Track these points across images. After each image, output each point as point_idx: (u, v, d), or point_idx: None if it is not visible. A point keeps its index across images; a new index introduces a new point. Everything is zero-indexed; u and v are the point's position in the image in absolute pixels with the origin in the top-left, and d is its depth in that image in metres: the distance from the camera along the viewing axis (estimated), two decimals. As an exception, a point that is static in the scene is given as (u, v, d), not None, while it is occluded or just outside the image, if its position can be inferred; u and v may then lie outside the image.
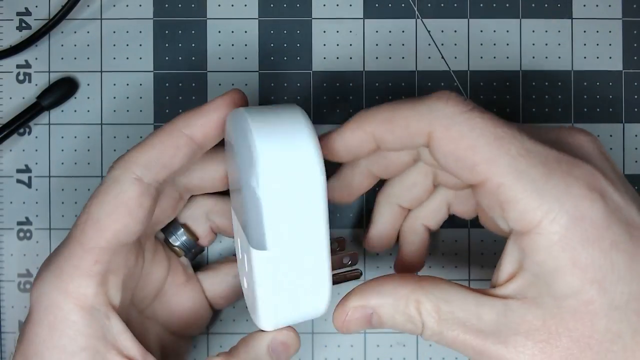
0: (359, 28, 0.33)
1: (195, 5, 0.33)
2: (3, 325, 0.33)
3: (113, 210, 0.24)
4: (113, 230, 0.24)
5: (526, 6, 0.33)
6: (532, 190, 0.21)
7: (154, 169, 0.25)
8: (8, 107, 0.33)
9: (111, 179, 0.25)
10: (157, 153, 0.25)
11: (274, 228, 0.23)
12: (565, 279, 0.21)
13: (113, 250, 0.24)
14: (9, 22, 0.33)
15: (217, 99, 0.26)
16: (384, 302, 0.24)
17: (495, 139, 0.22)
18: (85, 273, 0.24)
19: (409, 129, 0.23)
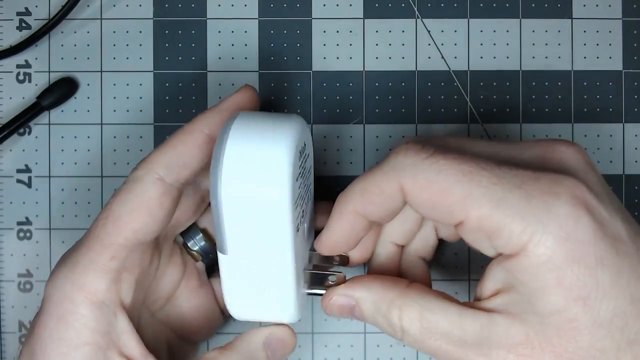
0: (359, 28, 0.33)
1: (195, 5, 0.33)
2: (3, 325, 0.33)
3: (134, 208, 0.25)
4: (132, 229, 0.24)
5: (526, 6, 0.33)
6: (513, 215, 0.21)
7: (175, 169, 0.25)
8: (8, 107, 0.33)
9: (133, 179, 0.25)
10: (178, 153, 0.25)
11: (234, 235, 0.23)
12: (550, 298, 0.21)
13: (130, 248, 0.25)
14: (9, 22, 0.33)
15: (232, 96, 0.27)
16: (368, 298, 0.24)
17: (464, 175, 0.22)
18: (100, 268, 0.24)
19: (384, 192, 0.23)
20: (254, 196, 0.22)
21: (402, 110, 0.33)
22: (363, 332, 0.33)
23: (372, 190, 0.24)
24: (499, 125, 0.33)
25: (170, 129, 0.32)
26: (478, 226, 0.22)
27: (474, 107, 0.33)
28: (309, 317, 0.33)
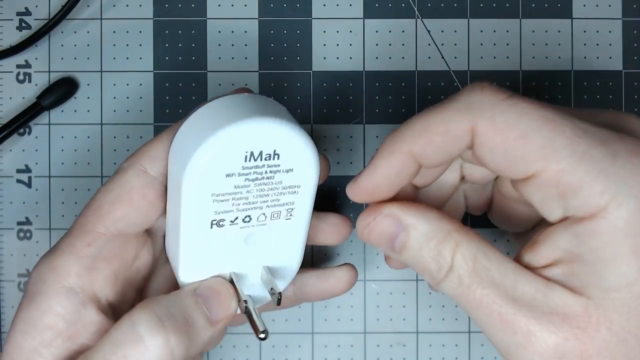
0: (359, 28, 0.33)
1: (195, 5, 0.33)
2: (3, 325, 0.33)
3: (115, 198, 0.24)
4: (112, 218, 0.24)
5: (526, 6, 0.33)
6: (597, 172, 0.19)
7: (159, 161, 0.25)
8: (8, 107, 0.33)
9: (119, 170, 0.25)
10: (164, 146, 0.25)
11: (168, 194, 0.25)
12: (621, 268, 0.19)
13: (109, 237, 0.24)
14: (9, 22, 0.33)
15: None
16: (421, 225, 0.22)
17: (547, 122, 0.20)
18: (74, 252, 0.24)
19: (450, 132, 0.21)
20: (177, 169, 0.23)
21: (402, 110, 0.33)
22: (363, 332, 0.33)
23: (436, 129, 0.21)
24: (499, 125, 0.33)
25: (170, 129, 0.32)
26: (555, 181, 0.20)
27: (474, 107, 0.33)
28: (309, 317, 0.33)
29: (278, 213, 0.25)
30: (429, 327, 0.33)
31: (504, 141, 0.20)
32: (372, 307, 0.33)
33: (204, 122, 0.23)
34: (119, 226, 0.24)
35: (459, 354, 0.33)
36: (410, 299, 0.33)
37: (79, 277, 0.24)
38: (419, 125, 0.22)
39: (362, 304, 0.33)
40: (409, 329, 0.33)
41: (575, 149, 0.19)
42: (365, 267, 0.33)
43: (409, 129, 0.22)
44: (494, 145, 0.20)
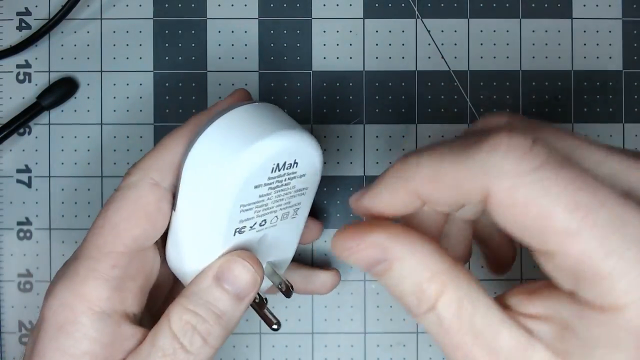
0: (359, 28, 0.33)
1: (195, 5, 0.33)
2: (3, 325, 0.33)
3: (131, 215, 0.24)
4: (132, 236, 0.24)
5: (526, 6, 0.33)
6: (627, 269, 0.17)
7: (170, 172, 0.25)
8: (8, 107, 0.33)
9: (128, 185, 0.24)
10: (171, 156, 0.25)
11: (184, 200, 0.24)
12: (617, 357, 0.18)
13: (131, 255, 0.24)
14: (9, 22, 0.33)
15: (226, 99, 0.27)
16: (408, 261, 0.21)
17: (577, 208, 0.18)
18: (100, 276, 0.24)
19: (460, 188, 0.19)
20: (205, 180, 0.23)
21: (402, 110, 0.33)
22: (363, 332, 0.33)
23: (446, 181, 0.20)
24: (499, 125, 0.33)
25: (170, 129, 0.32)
26: (572, 264, 0.18)
27: (474, 107, 0.33)
28: (309, 317, 0.33)
29: (287, 214, 0.26)
30: (429, 327, 0.33)
31: (521, 216, 0.18)
32: (372, 307, 0.33)
33: (229, 136, 0.23)
34: (139, 243, 0.24)
35: (459, 354, 0.33)
36: (410, 299, 0.33)
37: (110, 300, 0.24)
38: (430, 169, 0.20)
39: (362, 304, 0.33)
40: (409, 329, 0.33)
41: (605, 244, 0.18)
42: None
43: (418, 169, 0.21)
44: (510, 216, 0.19)
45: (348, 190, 0.33)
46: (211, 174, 0.23)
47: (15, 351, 0.33)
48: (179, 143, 0.25)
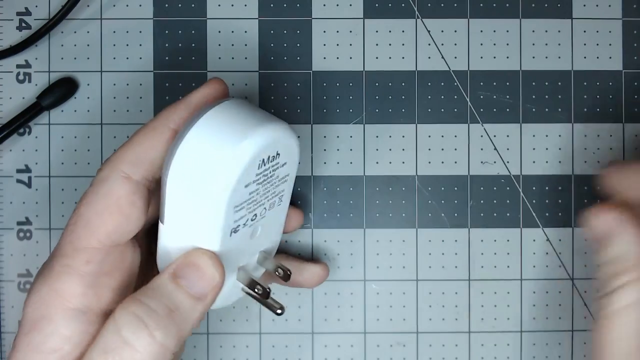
0: (359, 28, 0.33)
1: (195, 5, 0.33)
2: (3, 325, 0.33)
3: (103, 209, 0.23)
4: (105, 231, 0.23)
5: (526, 6, 0.33)
6: None
7: (142, 165, 0.24)
8: (8, 107, 0.33)
9: (99, 179, 0.24)
10: (143, 149, 0.24)
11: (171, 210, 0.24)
12: None
13: (106, 251, 0.24)
14: (9, 22, 0.33)
15: (200, 90, 0.26)
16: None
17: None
18: (74, 272, 0.23)
19: None
20: (194, 188, 0.23)
21: (402, 110, 0.33)
22: (363, 332, 0.33)
23: None
24: (499, 125, 0.33)
25: (170, 129, 0.32)
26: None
27: (474, 107, 0.33)
28: (309, 317, 0.33)
29: (274, 203, 0.26)
30: (429, 327, 0.33)
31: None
32: (372, 307, 0.33)
33: (212, 140, 0.23)
34: (113, 238, 0.24)
35: (459, 354, 0.33)
36: (410, 299, 0.33)
37: (84, 296, 0.23)
38: None
39: (362, 304, 0.33)
40: (409, 329, 0.33)
41: None
42: (365, 267, 0.33)
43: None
44: None
45: (348, 190, 0.33)
46: (200, 182, 0.23)
47: None
48: (150, 137, 0.24)
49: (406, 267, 0.33)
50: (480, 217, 0.33)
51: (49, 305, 0.23)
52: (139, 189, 0.24)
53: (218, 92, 0.26)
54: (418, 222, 0.33)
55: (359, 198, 0.33)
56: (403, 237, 0.33)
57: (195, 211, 0.23)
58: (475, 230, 0.33)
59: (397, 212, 0.33)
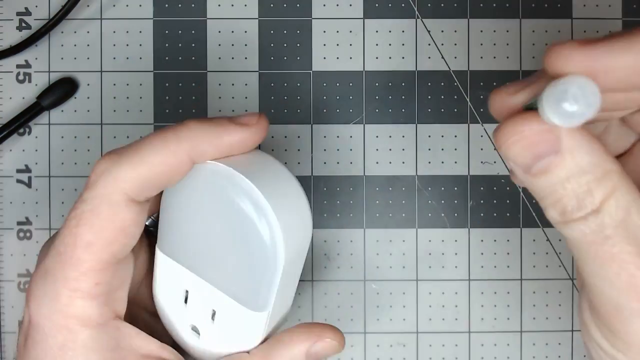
0: (359, 28, 0.33)
1: (195, 5, 0.33)
2: (3, 325, 0.33)
3: (108, 234, 0.22)
4: (110, 252, 0.22)
5: (526, 6, 0.33)
6: None
7: (149, 190, 0.22)
8: (8, 107, 0.33)
9: (100, 198, 0.22)
10: (155, 174, 0.22)
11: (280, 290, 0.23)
12: None
13: (112, 269, 0.23)
14: (9, 22, 0.33)
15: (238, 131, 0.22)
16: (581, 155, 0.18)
17: None
18: (86, 296, 0.23)
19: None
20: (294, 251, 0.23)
21: (402, 110, 0.33)
22: (363, 332, 0.33)
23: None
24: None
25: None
26: None
27: (474, 107, 0.33)
28: (308, 317, 0.33)
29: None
30: (429, 327, 0.33)
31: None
32: (373, 307, 0.33)
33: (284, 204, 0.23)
34: (119, 257, 0.23)
35: (459, 354, 0.33)
36: (411, 299, 0.33)
37: (102, 315, 0.23)
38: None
39: (362, 304, 0.33)
40: (409, 329, 0.33)
41: None
42: (365, 267, 0.33)
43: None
44: None
45: (348, 190, 0.33)
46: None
47: (16, 351, 0.33)
48: (165, 163, 0.22)
49: (406, 267, 0.33)
50: (480, 217, 0.33)
51: (70, 329, 0.23)
52: (143, 209, 0.23)
53: (257, 140, 0.23)
54: (418, 222, 0.33)
55: (359, 198, 0.33)
56: (403, 237, 0.33)
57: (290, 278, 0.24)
58: (475, 230, 0.33)
59: (397, 212, 0.33)
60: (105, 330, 0.23)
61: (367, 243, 0.33)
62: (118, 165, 0.22)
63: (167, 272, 0.25)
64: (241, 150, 0.23)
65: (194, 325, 0.26)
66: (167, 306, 0.26)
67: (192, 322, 0.26)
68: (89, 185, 0.22)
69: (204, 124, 0.22)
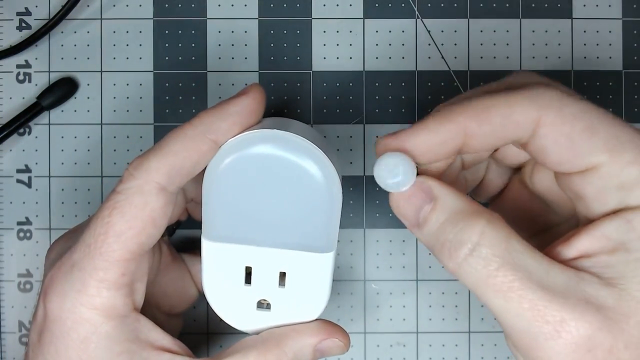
0: (359, 28, 0.33)
1: (195, 5, 0.33)
2: (3, 325, 0.33)
3: (138, 223, 0.23)
4: (138, 242, 0.24)
5: (526, 6, 0.33)
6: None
7: (178, 177, 0.24)
8: (8, 107, 0.33)
9: (132, 189, 0.24)
10: (180, 160, 0.24)
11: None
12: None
13: (138, 260, 0.24)
14: (9, 22, 0.33)
15: (240, 99, 0.25)
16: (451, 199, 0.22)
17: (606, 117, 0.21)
18: (113, 286, 0.24)
19: (513, 116, 0.21)
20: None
21: (402, 110, 0.33)
22: (363, 332, 0.33)
23: (499, 111, 0.21)
24: (499, 125, 0.33)
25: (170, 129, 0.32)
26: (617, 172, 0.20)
27: (474, 107, 0.33)
28: (309, 317, 0.33)
29: None
30: (429, 327, 0.33)
31: (570, 132, 0.21)
32: (372, 307, 0.33)
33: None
34: (145, 248, 0.24)
35: (459, 354, 0.33)
36: (410, 299, 0.33)
37: (125, 305, 0.24)
38: (481, 103, 0.22)
39: (362, 304, 0.33)
40: (409, 329, 0.33)
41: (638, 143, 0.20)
42: (365, 267, 0.33)
43: (470, 103, 0.22)
44: (560, 136, 0.21)
45: (348, 190, 0.33)
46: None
47: (15, 351, 0.33)
48: (187, 147, 0.24)
49: (406, 267, 0.33)
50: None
51: (93, 321, 0.24)
52: (171, 200, 0.24)
53: (258, 102, 0.25)
54: (418, 222, 0.33)
55: (359, 198, 0.33)
56: (403, 237, 0.33)
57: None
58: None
59: (397, 212, 0.33)
60: (126, 322, 0.24)
61: (367, 243, 0.33)
62: (147, 160, 0.24)
63: (220, 259, 0.26)
64: (250, 118, 0.25)
65: (261, 301, 0.26)
66: (225, 295, 0.26)
67: (260, 296, 0.26)
68: (122, 180, 0.24)
69: (211, 108, 0.25)
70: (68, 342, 0.24)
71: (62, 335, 0.24)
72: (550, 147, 0.21)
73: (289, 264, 0.25)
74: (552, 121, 0.21)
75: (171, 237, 0.32)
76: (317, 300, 0.26)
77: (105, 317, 0.24)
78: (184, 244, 0.33)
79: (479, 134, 0.22)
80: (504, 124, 0.21)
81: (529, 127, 0.21)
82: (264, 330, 0.26)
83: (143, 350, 0.24)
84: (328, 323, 0.26)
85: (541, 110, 0.21)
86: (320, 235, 0.25)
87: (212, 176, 0.24)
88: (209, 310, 0.33)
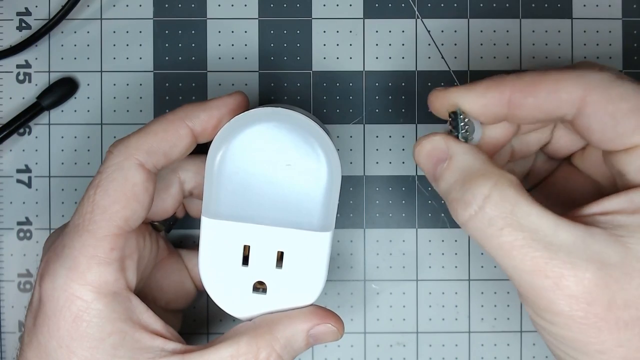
0: (359, 28, 0.33)
1: (195, 5, 0.33)
2: (3, 325, 0.33)
3: (121, 197, 0.24)
4: (123, 217, 0.24)
5: (526, 6, 0.33)
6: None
7: (155, 156, 0.25)
8: (8, 107, 0.33)
9: (113, 166, 0.25)
10: (159, 140, 0.25)
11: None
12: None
13: (125, 236, 0.25)
14: (9, 22, 0.33)
15: (223, 98, 0.27)
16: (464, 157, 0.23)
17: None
18: (103, 261, 0.24)
19: (559, 92, 0.22)
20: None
21: (402, 110, 0.33)
22: (363, 332, 0.33)
23: (546, 87, 0.23)
24: (499, 125, 0.33)
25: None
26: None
27: (474, 107, 0.33)
28: (309, 317, 0.33)
29: None
30: (429, 327, 0.33)
31: (615, 112, 0.22)
32: (372, 307, 0.33)
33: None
34: (131, 224, 0.25)
35: (459, 354, 0.33)
36: (411, 299, 0.33)
37: (117, 281, 0.24)
38: (530, 76, 0.23)
39: (362, 304, 0.33)
40: (409, 329, 0.33)
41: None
42: (365, 267, 0.33)
43: (520, 75, 0.23)
44: (604, 116, 0.22)
45: (348, 190, 0.33)
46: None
47: (16, 351, 0.33)
48: (166, 129, 0.25)
49: (406, 267, 0.33)
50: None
51: (84, 298, 0.24)
52: (150, 177, 0.25)
53: (239, 103, 0.27)
54: (418, 222, 0.33)
55: (359, 198, 0.33)
56: (403, 237, 0.33)
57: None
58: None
59: (397, 212, 0.33)
60: (118, 300, 0.24)
61: (367, 243, 0.33)
62: (127, 139, 0.25)
63: (219, 237, 0.26)
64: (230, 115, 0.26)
65: (257, 283, 0.26)
66: (222, 277, 0.26)
67: (256, 278, 0.26)
68: (104, 161, 0.25)
69: (196, 102, 0.27)
70: (60, 321, 0.24)
71: (54, 315, 0.24)
72: (594, 125, 0.22)
73: (287, 243, 0.25)
74: (597, 100, 0.22)
75: (168, 233, 0.32)
76: (314, 283, 0.26)
77: (97, 293, 0.24)
78: (182, 243, 0.33)
79: (524, 105, 0.23)
80: (548, 99, 0.22)
81: (573, 104, 0.22)
82: (258, 316, 0.26)
83: (135, 332, 0.24)
84: (321, 309, 0.26)
85: (587, 90, 0.22)
86: (319, 215, 0.25)
87: (214, 152, 0.25)
88: (209, 310, 0.33)
